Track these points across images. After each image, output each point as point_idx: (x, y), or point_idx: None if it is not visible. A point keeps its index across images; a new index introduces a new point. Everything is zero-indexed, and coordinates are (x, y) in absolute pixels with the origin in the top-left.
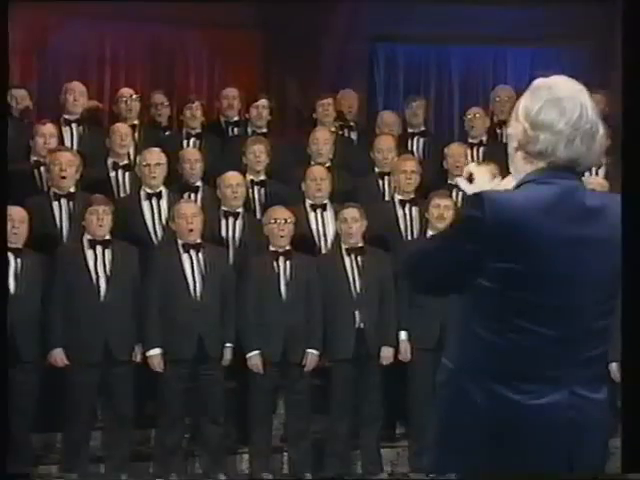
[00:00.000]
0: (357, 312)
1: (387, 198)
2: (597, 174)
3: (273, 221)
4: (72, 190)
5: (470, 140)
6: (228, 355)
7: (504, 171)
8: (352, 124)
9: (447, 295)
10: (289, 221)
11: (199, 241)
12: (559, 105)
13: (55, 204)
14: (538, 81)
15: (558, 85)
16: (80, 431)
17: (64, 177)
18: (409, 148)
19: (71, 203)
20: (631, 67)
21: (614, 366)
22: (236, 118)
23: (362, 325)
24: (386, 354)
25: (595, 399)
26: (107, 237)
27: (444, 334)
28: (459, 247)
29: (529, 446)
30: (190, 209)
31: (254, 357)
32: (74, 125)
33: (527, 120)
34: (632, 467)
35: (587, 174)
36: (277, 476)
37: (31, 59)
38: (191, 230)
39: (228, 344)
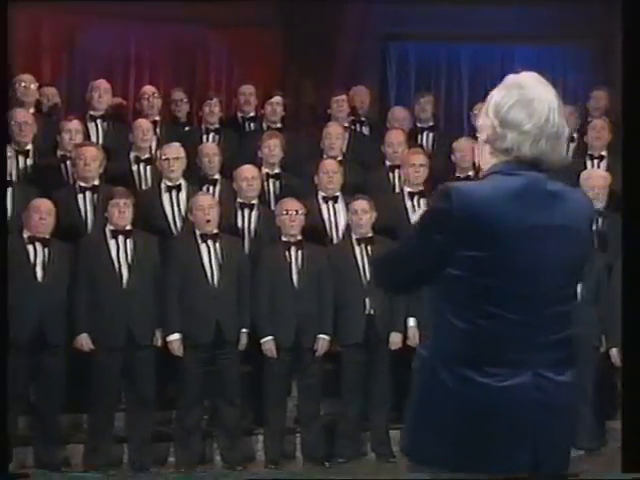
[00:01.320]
0: (367, 299)
1: (397, 190)
2: (599, 167)
3: (285, 212)
4: (96, 183)
5: (477, 135)
6: (244, 340)
7: None
8: (364, 119)
9: (418, 290)
10: (300, 212)
11: (216, 231)
12: (529, 106)
13: (80, 196)
14: (510, 78)
15: (530, 85)
16: (104, 412)
17: (88, 171)
18: (419, 142)
19: (95, 195)
20: (631, 68)
21: (614, 351)
22: (253, 114)
23: (372, 311)
24: (395, 339)
25: (560, 381)
26: (128, 227)
27: None
28: (429, 239)
29: (496, 426)
30: (207, 201)
31: (268, 342)
32: (99, 121)
33: (497, 117)
34: (632, 467)
35: (589, 166)
36: (291, 457)
37: (61, 59)
38: (208, 221)
39: (244, 330)
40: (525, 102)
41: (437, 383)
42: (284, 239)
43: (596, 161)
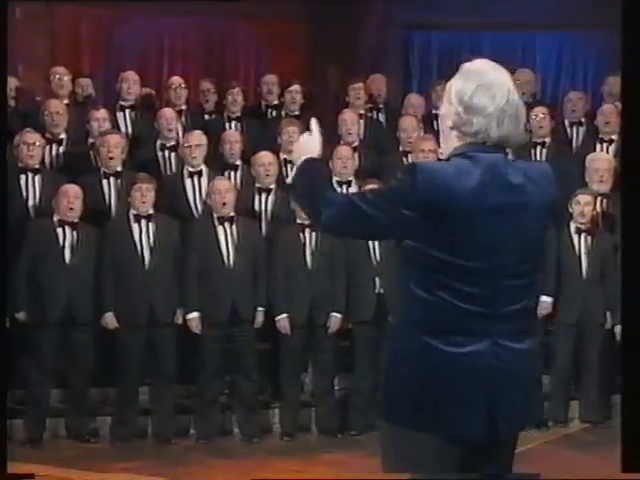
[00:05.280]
0: (377, 279)
1: None
2: (608, 151)
3: None
4: (119, 169)
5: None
6: (260, 318)
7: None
8: (381, 106)
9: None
10: None
11: (232, 214)
12: (490, 90)
13: (104, 182)
14: (468, 66)
15: (487, 71)
16: (130, 386)
17: (112, 157)
18: (435, 128)
19: (119, 181)
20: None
21: (619, 328)
22: (275, 102)
23: (381, 290)
24: None
25: (517, 349)
26: (150, 212)
27: None
28: (393, 210)
29: (455, 390)
30: (224, 185)
31: (282, 320)
32: (128, 110)
33: (460, 104)
34: (632, 467)
35: (598, 150)
36: (306, 429)
37: (98, 51)
38: (224, 204)
39: (260, 308)
40: (486, 87)
41: (403, 349)
42: (299, 221)
43: (605, 145)
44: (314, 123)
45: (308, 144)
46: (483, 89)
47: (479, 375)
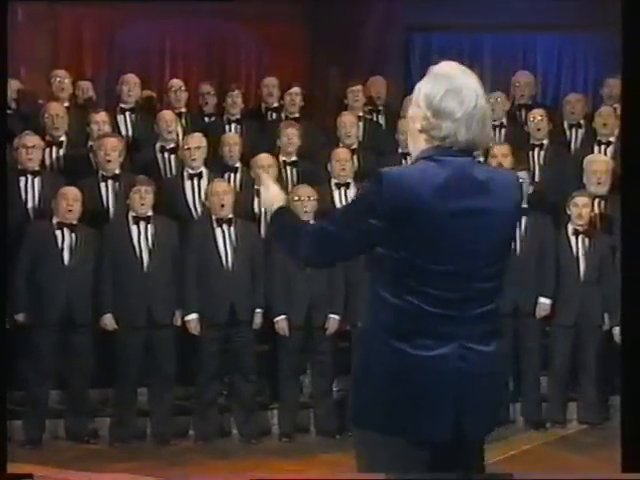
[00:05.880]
0: None
1: None
2: (606, 153)
3: (297, 198)
4: (117, 172)
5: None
6: (258, 319)
7: (519, 150)
8: (380, 108)
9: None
10: (312, 198)
11: (230, 216)
12: (459, 95)
13: (102, 185)
14: (436, 69)
15: (456, 75)
16: (128, 387)
17: (109, 160)
18: None
19: (116, 184)
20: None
21: (617, 330)
22: (276, 104)
23: None
24: None
25: (484, 351)
26: (149, 214)
27: None
28: (361, 223)
29: (423, 393)
30: (222, 187)
31: (281, 321)
32: (128, 113)
33: (429, 108)
34: (632, 468)
35: (596, 152)
36: (304, 430)
37: (101, 53)
38: (222, 206)
39: (258, 309)
40: (454, 91)
41: (372, 354)
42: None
43: (603, 147)
44: (265, 177)
45: (272, 196)
46: (452, 93)
47: (446, 378)
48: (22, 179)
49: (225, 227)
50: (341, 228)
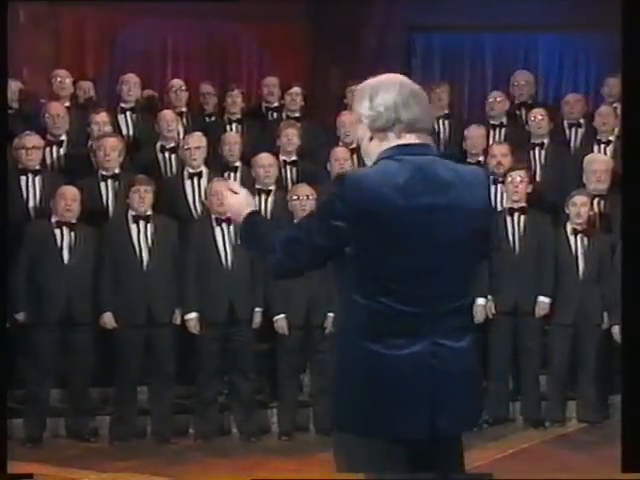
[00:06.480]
0: None
1: None
2: (605, 152)
3: (296, 197)
4: (117, 171)
5: (491, 122)
6: (257, 319)
7: (519, 150)
8: None
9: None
10: (310, 197)
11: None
12: (389, 87)
13: (102, 184)
14: (362, 87)
15: (378, 80)
16: (128, 386)
17: (109, 160)
18: (435, 130)
19: (116, 183)
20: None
21: (616, 329)
22: (276, 104)
23: None
24: None
25: (456, 347)
26: (148, 213)
27: None
28: (326, 226)
29: (397, 392)
30: (220, 186)
31: (280, 320)
32: (128, 113)
33: (370, 109)
34: (632, 467)
35: (596, 151)
36: (304, 429)
37: (103, 53)
38: (221, 205)
39: (257, 309)
40: (384, 86)
41: (347, 357)
42: (296, 222)
43: (603, 146)
44: (234, 185)
45: (242, 201)
46: (383, 87)
47: (419, 375)
48: (23, 178)
49: (224, 226)
50: (308, 233)
